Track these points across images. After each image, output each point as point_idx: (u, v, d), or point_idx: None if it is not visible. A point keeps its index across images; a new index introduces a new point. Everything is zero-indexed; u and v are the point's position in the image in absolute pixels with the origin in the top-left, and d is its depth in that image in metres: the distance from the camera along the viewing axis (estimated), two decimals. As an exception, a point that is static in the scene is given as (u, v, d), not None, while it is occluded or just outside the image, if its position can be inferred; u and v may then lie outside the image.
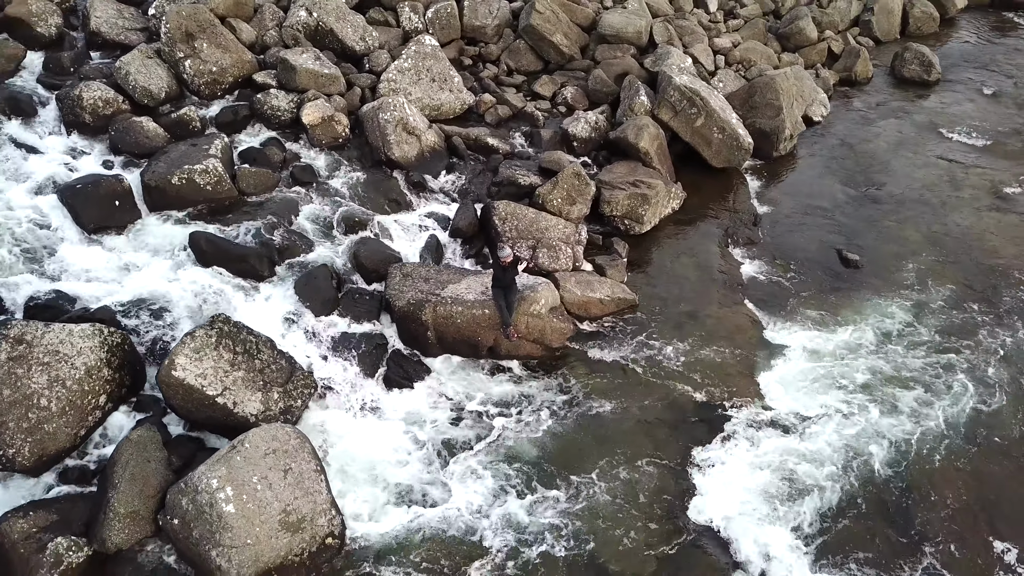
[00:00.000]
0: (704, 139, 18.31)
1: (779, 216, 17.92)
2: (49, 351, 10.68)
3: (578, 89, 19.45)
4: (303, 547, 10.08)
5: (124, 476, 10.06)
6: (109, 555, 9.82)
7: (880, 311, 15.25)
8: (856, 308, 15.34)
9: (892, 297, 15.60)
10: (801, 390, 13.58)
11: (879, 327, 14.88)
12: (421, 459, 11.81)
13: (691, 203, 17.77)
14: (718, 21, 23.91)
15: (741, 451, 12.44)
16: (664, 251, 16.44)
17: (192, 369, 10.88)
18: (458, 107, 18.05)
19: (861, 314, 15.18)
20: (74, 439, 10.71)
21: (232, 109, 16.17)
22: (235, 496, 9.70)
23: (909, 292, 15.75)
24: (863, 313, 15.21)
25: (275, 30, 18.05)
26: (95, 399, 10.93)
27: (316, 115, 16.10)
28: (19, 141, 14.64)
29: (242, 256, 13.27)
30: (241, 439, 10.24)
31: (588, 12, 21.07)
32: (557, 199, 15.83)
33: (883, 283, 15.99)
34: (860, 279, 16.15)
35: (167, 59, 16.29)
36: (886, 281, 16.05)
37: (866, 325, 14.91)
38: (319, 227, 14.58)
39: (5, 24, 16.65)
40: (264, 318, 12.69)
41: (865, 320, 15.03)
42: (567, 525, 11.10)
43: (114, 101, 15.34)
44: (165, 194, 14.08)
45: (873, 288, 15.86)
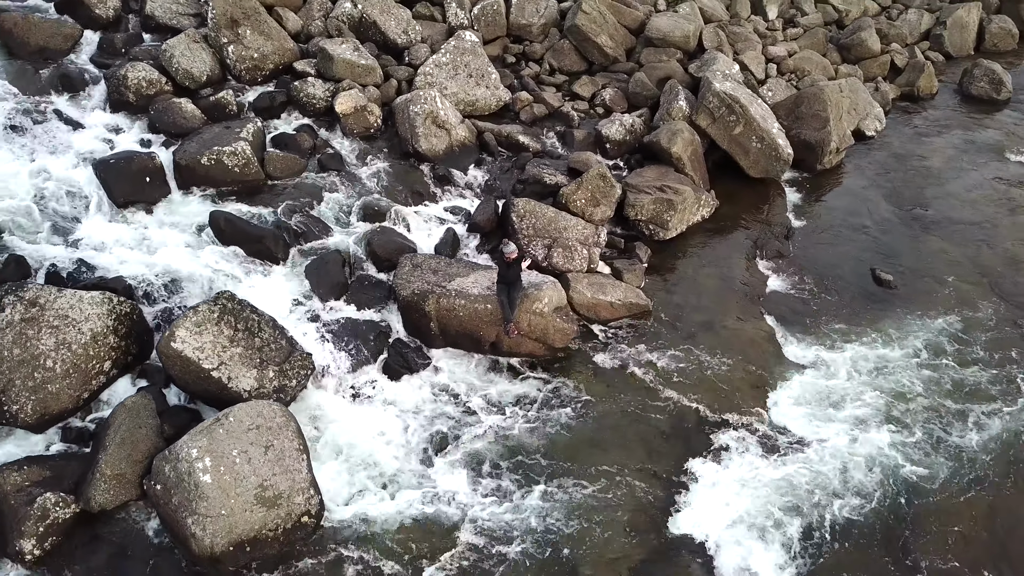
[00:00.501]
0: (742, 148, 17.90)
1: (814, 231, 17.38)
2: (59, 315, 11.17)
3: (618, 91, 19.26)
4: (278, 523, 10.27)
5: (115, 439, 10.45)
6: (94, 514, 10.18)
7: (908, 335, 14.63)
8: (882, 330, 14.75)
9: (924, 322, 14.95)
10: (811, 410, 13.14)
11: (905, 351, 14.28)
12: (409, 447, 11.89)
13: (723, 212, 17.40)
14: (776, 29, 23.35)
15: (737, 467, 12.11)
16: (687, 259, 16.13)
17: (191, 342, 11.21)
18: (494, 104, 18.10)
19: (887, 336, 14.59)
20: (77, 401, 11.17)
21: (269, 95, 16.58)
22: (213, 467, 9.96)
23: (943, 318, 15.06)
24: (889, 336, 14.61)
25: (321, 20, 18.45)
26: (100, 364, 11.37)
27: (349, 104, 16.38)
28: (65, 115, 15.33)
29: (258, 237, 13.60)
30: (226, 412, 10.51)
31: (637, 15, 20.85)
32: (581, 200, 15.71)
33: (916, 306, 15.34)
34: (892, 300, 15.54)
35: (212, 44, 16.83)
36: (920, 304, 15.39)
37: (891, 348, 14.32)
38: (339, 214, 14.82)
39: (67, 5, 17.48)
40: (273, 298, 12.99)
41: (890, 343, 14.44)
42: (544, 525, 11.00)
43: (157, 82, 15.93)
44: (194, 173, 14.54)
45: (904, 311, 15.23)
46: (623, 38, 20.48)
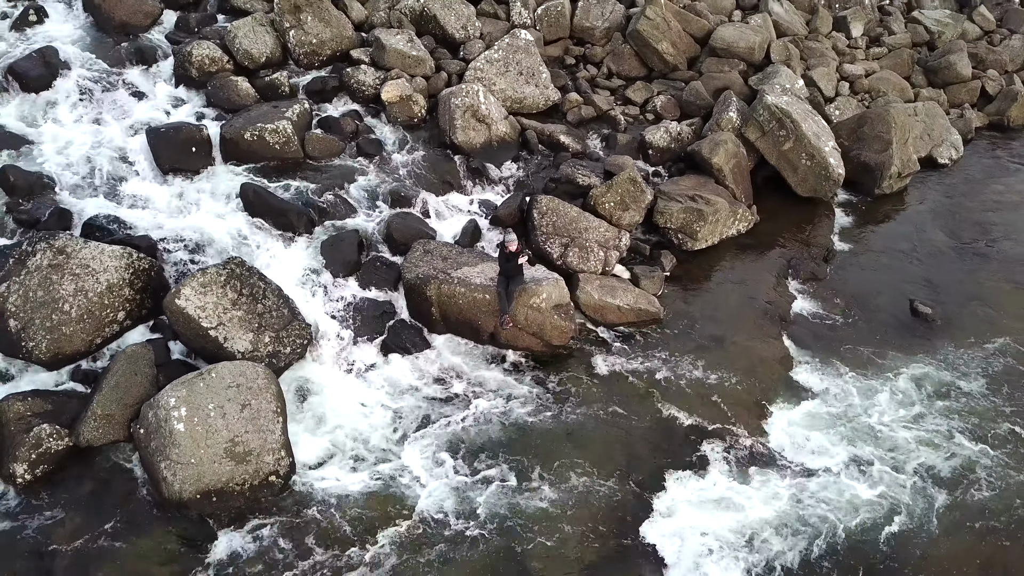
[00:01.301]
0: (790, 164, 17.36)
1: (857, 256, 16.66)
2: (81, 264, 12.07)
3: (671, 99, 19.02)
4: (245, 478, 10.76)
5: (110, 383, 11.22)
6: (83, 449, 10.96)
7: (935, 373, 13.84)
8: (908, 364, 14.01)
9: (956, 362, 14.11)
10: (810, 439, 12.63)
11: (926, 389, 13.52)
12: (388, 424, 12.20)
13: (763, 228, 16.93)
14: (858, 47, 22.46)
15: (716, 485, 11.78)
16: (713, 271, 15.79)
17: (194, 301, 11.89)
18: (542, 102, 18.23)
19: (911, 372, 13.85)
20: (89, 345, 12.03)
21: (322, 79, 17.29)
22: (187, 417, 10.55)
23: (979, 360, 14.18)
24: (913, 371, 13.87)
25: (385, 12, 19.06)
26: (113, 314, 12.21)
27: (395, 93, 16.89)
28: (133, 86, 16.50)
29: (283, 211, 14.24)
30: (211, 368, 11.11)
31: (704, 24, 20.50)
32: (610, 203, 15.64)
33: (953, 344, 14.49)
34: (926, 335, 14.74)
35: (277, 28, 17.69)
36: (957, 343, 14.53)
37: (912, 384, 13.59)
38: (366, 196, 15.30)
39: (153, -15, 18.77)
40: (286, 269, 13.58)
41: (913, 379, 13.69)
42: (505, 513, 11.06)
43: (219, 60, 16.89)
44: (237, 147, 15.36)
45: (938, 347, 14.42)
46: (686, 46, 20.18)
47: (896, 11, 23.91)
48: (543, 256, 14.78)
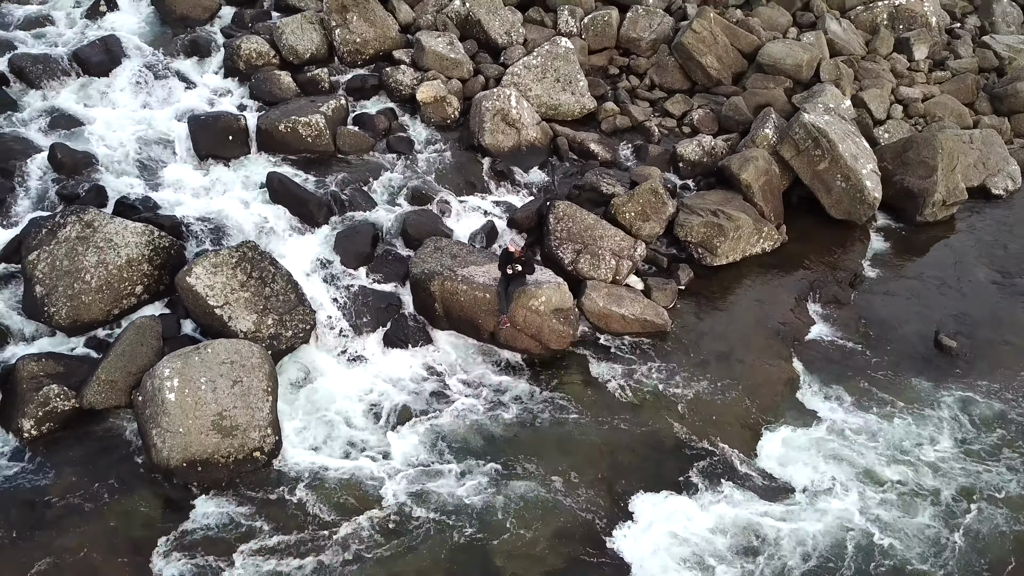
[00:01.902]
0: (824, 185, 16.94)
1: (887, 283, 16.11)
2: (105, 238, 12.81)
3: (709, 113, 18.81)
4: (230, 452, 11.21)
5: (117, 351, 11.87)
6: (87, 411, 11.61)
7: (948, 410, 13.27)
8: (922, 398, 13.49)
9: (973, 401, 13.48)
10: (804, 465, 12.29)
11: (936, 428, 12.98)
12: (379, 412, 12.49)
13: (791, 249, 16.55)
14: (919, 70, 21.67)
15: (697, 503, 11.60)
16: (731, 288, 15.54)
17: (204, 279, 12.46)
18: (577, 110, 18.30)
19: (923, 407, 13.32)
20: (106, 315, 12.74)
21: (362, 77, 17.84)
22: (179, 388, 11.08)
23: (1000, 403, 13.49)
24: (927, 405, 13.35)
25: (432, 15, 19.48)
26: (131, 287, 12.90)
27: (429, 93, 17.27)
28: (184, 75, 17.38)
29: (304, 201, 14.75)
30: (207, 343, 11.63)
31: (753, 40, 20.20)
32: (630, 212, 15.60)
33: (974, 380, 13.89)
34: (948, 369, 14.16)
35: (325, 26, 18.33)
36: (980, 380, 13.91)
37: (922, 421, 13.05)
38: (388, 192, 15.70)
39: (216, -18, 19.72)
40: (300, 257, 14.08)
41: (924, 415, 13.16)
42: (477, 508, 11.18)
43: (266, 55, 17.63)
44: (272, 138, 16.00)
45: (959, 382, 13.84)
46: (733, 61, 19.91)
47: (966, 34, 22.97)
48: (555, 261, 14.86)
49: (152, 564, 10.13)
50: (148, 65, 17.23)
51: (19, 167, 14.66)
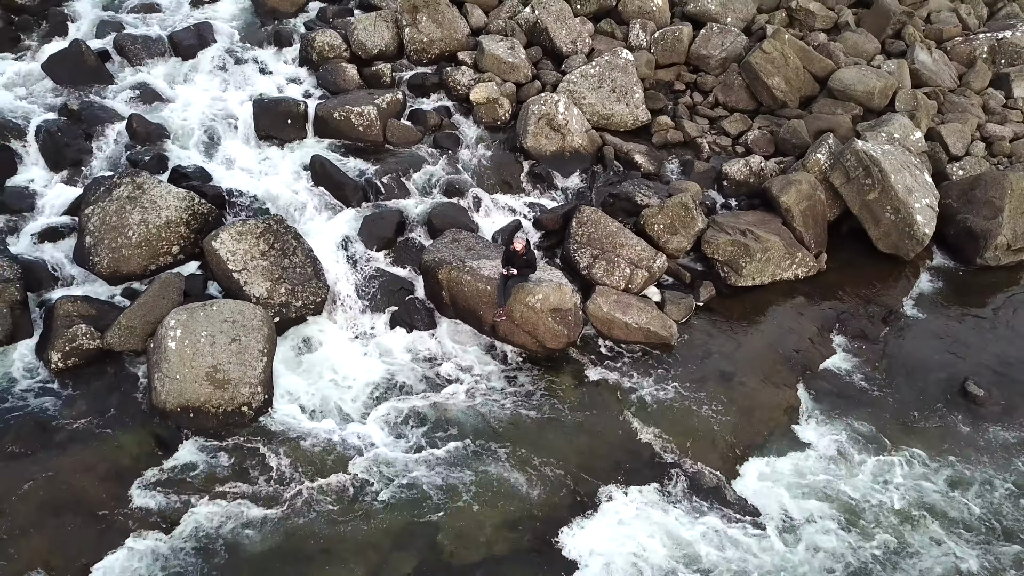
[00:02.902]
0: (872, 216, 16.29)
1: (926, 324, 15.32)
2: (151, 199, 14.06)
3: (766, 135, 18.44)
4: (220, 403, 12.09)
5: (140, 301, 13.02)
6: (106, 352, 12.79)
7: (958, 462, 12.53)
8: (931, 446, 12.84)
9: (990, 456, 12.74)
10: (780, 493, 11.97)
11: (940, 477, 12.31)
12: (371, 387, 13.06)
13: (828, 278, 16.04)
14: (1015, 108, 20.39)
15: (660, 516, 11.50)
16: (752, 310, 15.22)
17: (228, 245, 13.48)
18: (630, 121, 18.38)
19: (931, 453, 12.64)
20: (143, 269, 13.95)
21: (423, 75, 18.63)
22: (180, 338, 12.05)
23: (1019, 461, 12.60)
24: (934, 454, 12.65)
25: (504, 20, 20.07)
26: (168, 247, 14.08)
27: (482, 94, 17.83)
28: (262, 63, 18.71)
29: (341, 184, 15.61)
30: (215, 302, 12.60)
31: (828, 64, 19.62)
32: (659, 224, 15.59)
33: (995, 436, 13.07)
34: (969, 419, 13.40)
35: (398, 25, 19.27)
36: (1002, 436, 13.06)
37: (926, 467, 12.40)
38: (425, 183, 16.33)
39: (309, -21, 21.10)
40: (327, 235, 14.90)
41: (930, 462, 12.49)
42: (438, 487, 11.54)
43: (337, 48, 18.72)
44: (327, 124, 17.00)
45: (976, 436, 13.11)
46: (803, 84, 19.41)
47: (1077, 76, 21.35)
48: (571, 264, 15.05)
49: (130, 493, 11.07)
50: (231, 51, 18.67)
51: (100, 133, 16.27)
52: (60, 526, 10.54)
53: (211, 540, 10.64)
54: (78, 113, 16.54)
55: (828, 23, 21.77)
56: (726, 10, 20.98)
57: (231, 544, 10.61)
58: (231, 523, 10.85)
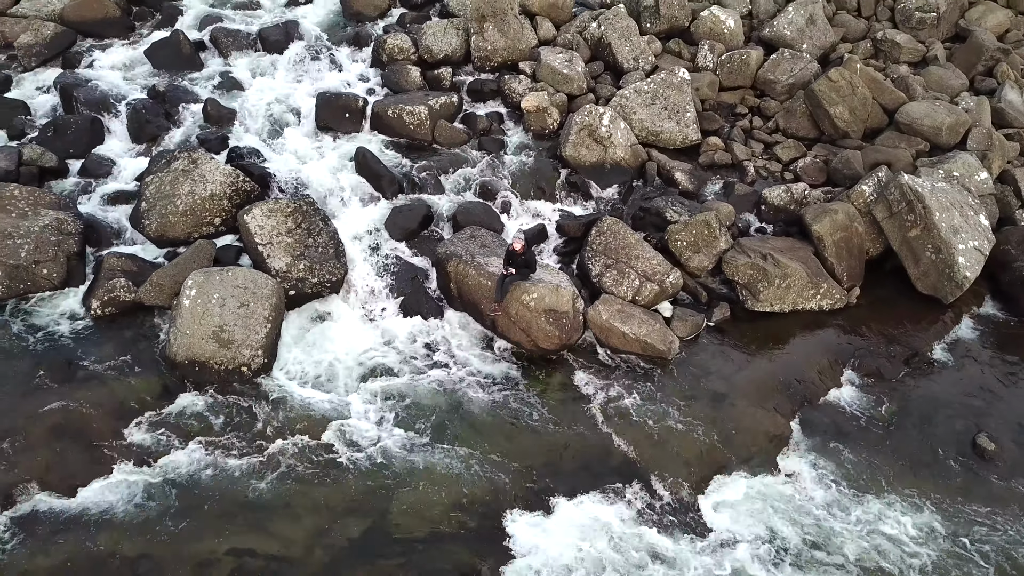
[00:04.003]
0: (913, 253, 15.60)
1: (954, 372, 14.51)
2: (201, 174, 15.42)
3: (818, 163, 17.95)
4: (223, 361, 13.11)
5: (173, 262, 14.32)
6: (139, 305, 14.12)
7: (951, 516, 11.87)
8: (926, 496, 12.20)
9: (986, 514, 11.97)
10: (746, 518, 11.78)
11: (928, 530, 11.69)
12: (365, 365, 13.73)
13: (856, 313, 15.49)
14: (1112, 159, 18.88)
15: (611, 517, 11.55)
16: (765, 336, 14.89)
17: (259, 219, 14.60)
18: (679, 140, 18.37)
19: (922, 503, 12.05)
20: (187, 236, 15.28)
21: (482, 81, 19.36)
22: (194, 297, 13.19)
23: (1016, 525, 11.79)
24: (927, 505, 12.03)
25: (572, 34, 20.53)
26: (211, 217, 15.37)
27: (533, 103, 18.35)
28: (336, 60, 20.02)
29: (379, 176, 16.51)
30: (231, 268, 13.70)
31: (900, 96, 18.87)
32: (682, 241, 15.58)
33: (998, 494, 12.25)
34: (973, 472, 12.67)
35: (467, 32, 20.12)
36: (1006, 495, 12.22)
37: (914, 518, 11.82)
38: (460, 182, 16.95)
39: (399, -14, 22.40)
40: (356, 221, 15.82)
41: (920, 512, 11.91)
42: (402, 467, 12.06)
43: (406, 51, 19.76)
44: (381, 120, 18.02)
45: (976, 490, 12.37)
46: (870, 115, 18.72)
47: None
48: (584, 270, 15.27)
49: (127, 430, 12.22)
50: (310, 48, 20.10)
51: (179, 113, 17.95)
52: (61, 449, 11.79)
53: (186, 480, 11.60)
54: (164, 94, 18.29)
55: (915, 56, 20.98)
56: (803, 36, 20.59)
57: (202, 486, 11.54)
58: (207, 468, 11.79)
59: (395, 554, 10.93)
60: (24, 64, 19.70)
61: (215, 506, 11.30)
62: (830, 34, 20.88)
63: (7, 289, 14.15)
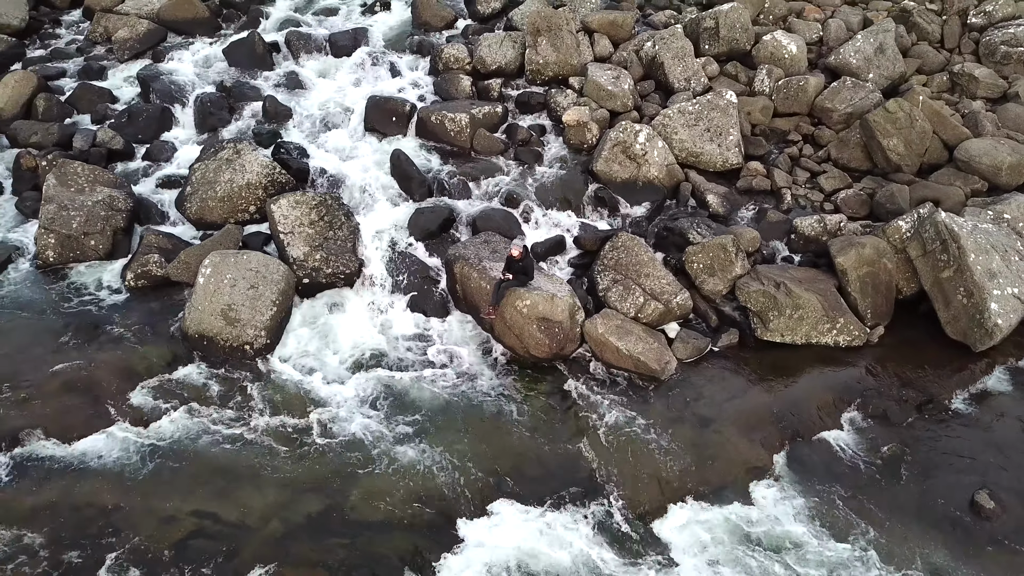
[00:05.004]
0: (944, 296, 14.78)
1: (970, 423, 13.59)
2: (241, 164, 16.45)
3: (861, 196, 17.22)
4: (228, 338, 13.94)
5: (202, 243, 15.35)
6: (167, 280, 15.18)
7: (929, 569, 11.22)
8: (903, 544, 11.53)
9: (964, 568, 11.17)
10: (699, 545, 11.47)
11: (896, 571, 11.08)
12: (361, 356, 14.27)
13: (874, 352, 14.80)
14: None
15: (560, 530, 11.52)
16: (770, 367, 14.43)
17: (284, 210, 15.43)
18: (719, 162, 18.08)
19: (900, 553, 11.43)
20: (223, 220, 16.28)
21: (529, 94, 19.69)
22: (208, 275, 14.10)
23: None
24: (904, 554, 11.41)
25: (629, 52, 20.57)
26: (246, 205, 16.35)
27: (573, 117, 18.52)
28: (396, 67, 20.84)
29: (409, 177, 17.08)
30: (248, 252, 14.54)
31: (963, 132, 17.90)
32: (698, 263, 15.37)
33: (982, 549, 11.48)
34: (964, 528, 11.89)
35: (524, 45, 20.52)
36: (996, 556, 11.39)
37: (877, 568, 11.21)
38: (488, 190, 17.30)
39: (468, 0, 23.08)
40: (380, 219, 16.41)
41: (887, 564, 11.29)
42: (369, 452, 12.47)
43: (461, 61, 20.35)
44: (424, 125, 18.65)
45: (962, 548, 11.56)
46: (928, 149, 17.81)
47: None
48: (593, 284, 15.28)
49: (131, 392, 13.19)
50: (372, 54, 21.01)
51: (241, 108, 19.20)
52: (69, 403, 12.88)
53: (170, 442, 12.44)
54: (230, 90, 19.62)
55: (994, 92, 19.83)
56: (869, 65, 19.84)
57: (183, 450, 12.33)
58: (192, 433, 12.59)
59: (344, 535, 11.31)
60: (118, 56, 21.55)
61: (190, 469, 12.03)
62: (900, 64, 20.01)
63: (59, 256, 15.54)
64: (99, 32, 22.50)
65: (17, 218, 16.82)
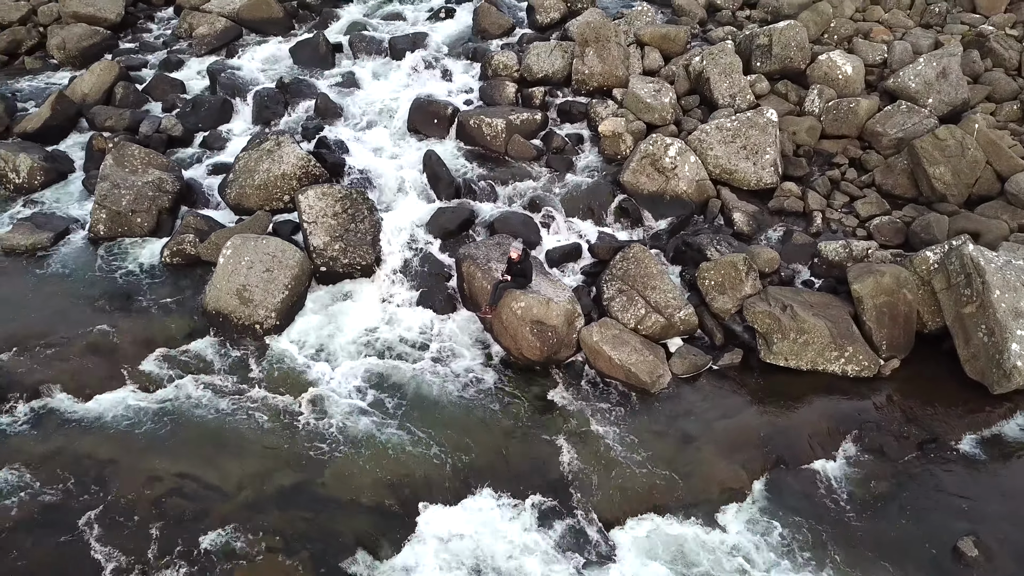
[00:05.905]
0: (964, 332, 14.07)
1: (973, 467, 12.88)
2: (280, 154, 17.33)
3: (896, 224, 16.54)
4: (241, 317, 14.75)
5: (232, 227, 16.27)
6: (198, 258, 16.18)
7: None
8: None
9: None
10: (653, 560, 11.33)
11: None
12: (363, 345, 14.74)
13: (883, 385, 14.23)
14: None
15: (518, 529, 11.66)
16: (769, 391, 14.08)
17: (311, 200, 16.17)
18: (753, 181, 17.76)
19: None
20: (258, 207, 17.16)
21: (571, 103, 19.87)
22: (228, 256, 14.95)
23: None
24: (864, 587, 10.96)
25: (680, 67, 20.47)
26: (281, 194, 17.21)
27: (609, 128, 18.59)
28: (447, 71, 21.44)
29: (438, 178, 17.57)
30: (267, 237, 15.34)
31: (1020, 164, 16.94)
32: (709, 280, 15.19)
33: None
34: (940, 572, 11.24)
35: (572, 55, 20.74)
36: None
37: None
38: (514, 194, 17.59)
39: (529, 9, 23.43)
40: (403, 216, 16.94)
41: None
42: (349, 435, 12.93)
43: (509, 68, 20.75)
44: (463, 129, 19.13)
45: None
46: (978, 180, 16.96)
47: None
48: (599, 291, 15.32)
49: (144, 358, 14.14)
50: (427, 58, 21.68)
51: (296, 103, 20.22)
52: (89, 363, 13.95)
53: (170, 407, 13.28)
54: (287, 86, 20.67)
55: (1067, 124, 18.61)
56: (930, 90, 19.02)
57: (180, 415, 13.15)
58: (191, 401, 13.40)
59: (309, 509, 11.80)
60: (195, 51, 23.07)
61: (183, 434, 12.82)
62: (963, 91, 19.07)
63: (108, 230, 16.81)
64: (184, 28, 24.14)
65: (82, 194, 18.25)
